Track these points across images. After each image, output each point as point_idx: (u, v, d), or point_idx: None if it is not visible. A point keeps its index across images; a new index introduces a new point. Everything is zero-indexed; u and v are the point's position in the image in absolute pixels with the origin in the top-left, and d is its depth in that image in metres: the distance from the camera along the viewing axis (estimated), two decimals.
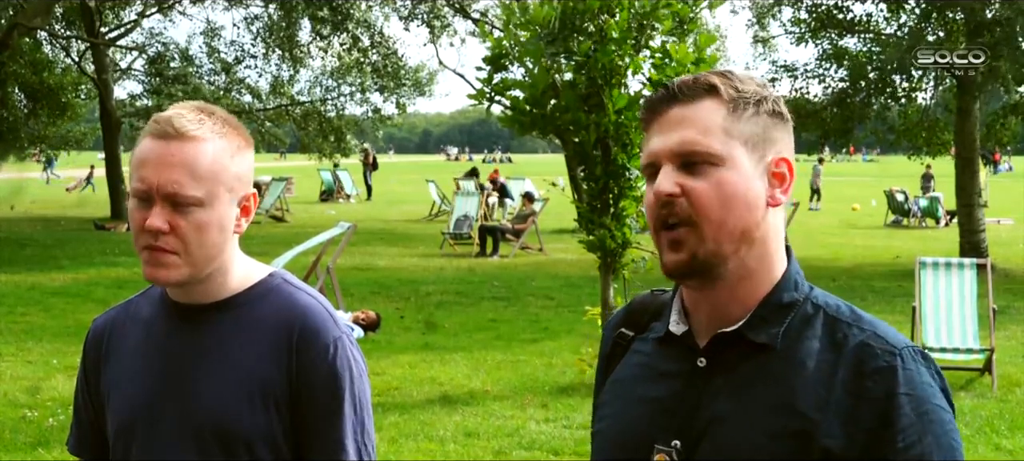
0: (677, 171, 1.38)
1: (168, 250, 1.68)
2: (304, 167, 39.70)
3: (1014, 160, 61.59)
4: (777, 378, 1.37)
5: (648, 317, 1.57)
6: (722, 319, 1.42)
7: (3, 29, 20.18)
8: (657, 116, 1.43)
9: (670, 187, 1.38)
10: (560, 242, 18.51)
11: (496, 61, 7.43)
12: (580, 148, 7.50)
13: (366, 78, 25.70)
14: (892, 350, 1.36)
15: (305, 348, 1.74)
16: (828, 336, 1.39)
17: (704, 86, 1.41)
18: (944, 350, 8.19)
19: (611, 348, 1.60)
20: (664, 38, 7.39)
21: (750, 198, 1.39)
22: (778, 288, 1.42)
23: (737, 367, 1.40)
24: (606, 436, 1.53)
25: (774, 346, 1.39)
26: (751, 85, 1.44)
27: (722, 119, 1.39)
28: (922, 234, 21.72)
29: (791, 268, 1.44)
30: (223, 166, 1.70)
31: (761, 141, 1.41)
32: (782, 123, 1.45)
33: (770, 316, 1.41)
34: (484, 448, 6.44)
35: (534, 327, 10.58)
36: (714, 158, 1.38)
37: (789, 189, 1.44)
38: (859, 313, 1.42)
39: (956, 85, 15.60)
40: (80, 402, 1.92)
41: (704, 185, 1.37)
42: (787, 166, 1.43)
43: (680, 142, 1.39)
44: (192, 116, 1.70)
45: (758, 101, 1.42)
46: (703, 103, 1.40)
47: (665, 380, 1.45)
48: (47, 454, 6.21)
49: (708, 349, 1.42)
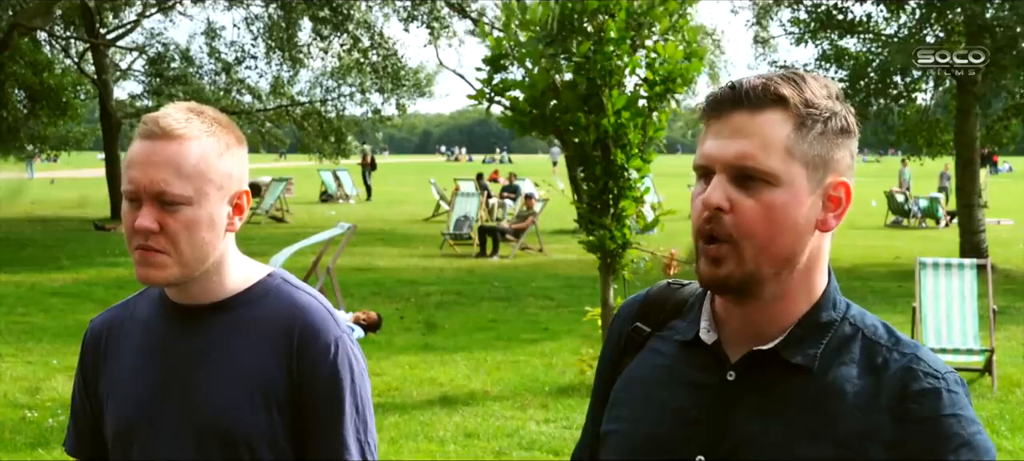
0: (730, 183, 1.32)
1: (158, 250, 1.68)
2: (304, 167, 39.69)
3: (1014, 160, 61.58)
4: (814, 403, 1.33)
5: (666, 313, 1.51)
6: (756, 334, 1.38)
7: (3, 29, 20.19)
8: (719, 117, 1.36)
9: (720, 200, 1.32)
10: (560, 242, 18.51)
11: (496, 61, 7.43)
12: (580, 149, 7.49)
13: (366, 78, 25.71)
14: (936, 374, 1.33)
15: (306, 348, 1.74)
16: (866, 360, 1.35)
17: (773, 96, 1.33)
18: (944, 350, 8.18)
19: (625, 341, 1.54)
20: (658, 37, 7.40)
21: (801, 223, 1.33)
22: (817, 307, 1.38)
23: (771, 387, 1.35)
24: (623, 438, 1.47)
25: (811, 368, 1.34)
26: (822, 97, 1.36)
27: (786, 136, 1.32)
28: (922, 234, 21.71)
29: (830, 286, 1.40)
30: (210, 164, 1.70)
31: (823, 163, 1.35)
32: (847, 139, 1.37)
33: (807, 336, 1.36)
34: (484, 448, 6.44)
35: (534, 327, 10.57)
36: (771, 177, 1.31)
37: (843, 214, 1.38)
38: (897, 335, 1.39)
39: (956, 85, 15.60)
40: (78, 403, 1.91)
41: (754, 205, 1.32)
42: (845, 190, 1.37)
43: (738, 154, 1.32)
44: (179, 115, 1.70)
45: (827, 117, 1.35)
46: (769, 114, 1.33)
47: (690, 390, 1.40)
48: (47, 454, 6.21)
49: (740, 364, 1.37)
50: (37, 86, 23.36)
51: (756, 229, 1.32)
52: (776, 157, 1.32)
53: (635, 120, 7.26)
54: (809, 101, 1.34)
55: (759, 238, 1.32)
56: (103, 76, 24.81)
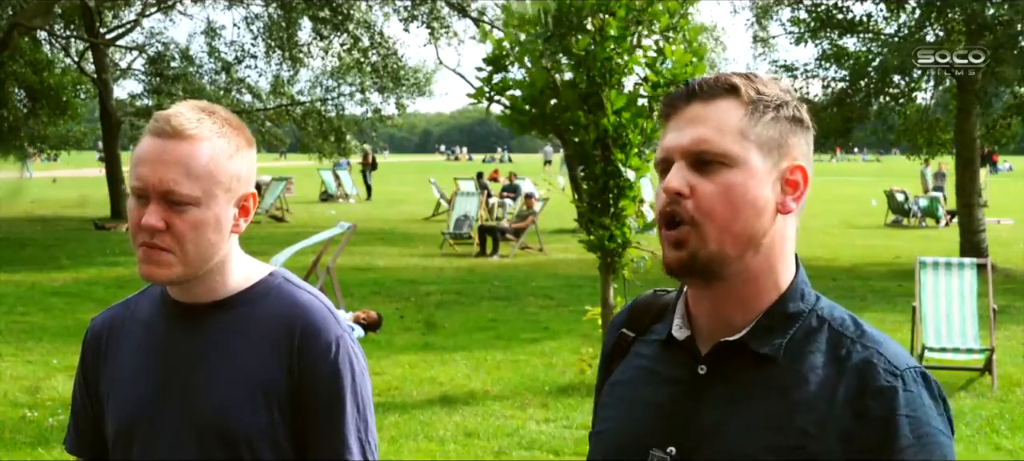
0: (689, 169, 1.37)
1: (163, 248, 1.68)
2: (304, 167, 39.68)
3: (1014, 160, 61.57)
4: (778, 391, 1.35)
5: (650, 318, 1.55)
6: (724, 325, 1.41)
7: (3, 28, 20.19)
8: (675, 112, 1.41)
9: (679, 184, 1.36)
10: (560, 242, 18.51)
11: (496, 61, 7.43)
12: (580, 148, 7.49)
13: (366, 78, 25.71)
14: (895, 371, 1.34)
15: (307, 347, 1.74)
16: (831, 351, 1.37)
17: (725, 85, 1.40)
18: (944, 350, 8.19)
19: (612, 348, 1.59)
20: (658, 36, 7.39)
21: (759, 203, 1.37)
22: (784, 298, 1.40)
23: (738, 377, 1.38)
24: (605, 438, 1.51)
25: (776, 358, 1.37)
26: (773, 88, 1.42)
27: (739, 120, 1.38)
28: (922, 234, 21.71)
29: (798, 277, 1.42)
30: (220, 166, 1.70)
31: (777, 146, 1.39)
32: (802, 130, 1.43)
33: (774, 326, 1.39)
34: (484, 448, 6.44)
35: (534, 327, 10.57)
36: (727, 158, 1.36)
37: (802, 197, 1.42)
38: (864, 327, 1.40)
39: (956, 85, 15.60)
40: (78, 401, 1.91)
41: (713, 187, 1.36)
42: (802, 174, 1.41)
43: (694, 140, 1.37)
44: (191, 115, 1.70)
45: (778, 105, 1.41)
46: (722, 102, 1.39)
47: (666, 385, 1.44)
48: (47, 454, 6.22)
49: (709, 357, 1.41)
50: (37, 85, 23.36)
51: (716, 209, 1.35)
52: (730, 139, 1.37)
53: (635, 120, 7.26)
54: (760, 90, 1.40)
55: (719, 218, 1.35)
56: (103, 75, 24.80)
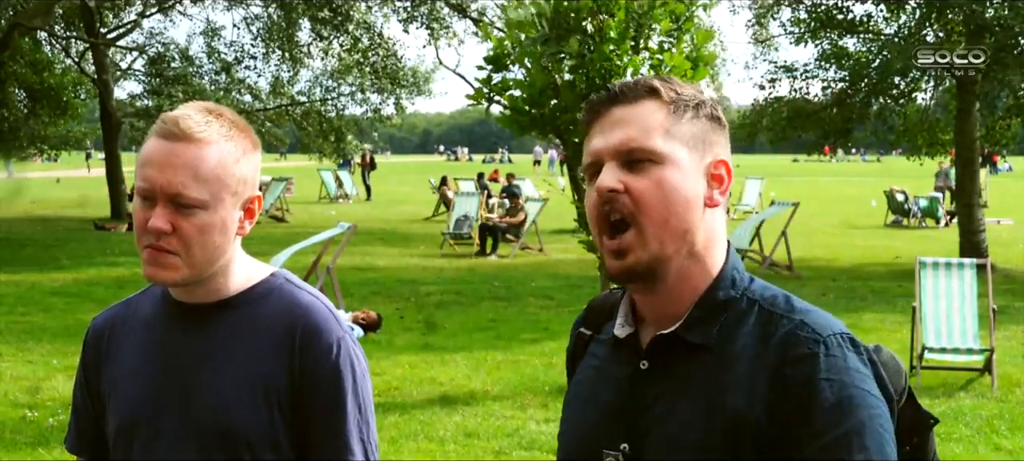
0: (619, 168, 1.40)
1: (169, 250, 1.68)
2: (304, 167, 39.69)
3: (1014, 160, 61.54)
4: (712, 377, 1.38)
5: (603, 317, 1.58)
6: (664, 320, 1.44)
7: (3, 29, 20.20)
8: (599, 117, 1.45)
9: (613, 182, 1.39)
10: (560, 242, 18.51)
11: (497, 61, 7.43)
12: (580, 148, 7.49)
13: (365, 79, 25.71)
14: (817, 337, 1.35)
15: (308, 347, 1.74)
16: (761, 329, 1.38)
17: (645, 88, 1.44)
18: (944, 350, 8.19)
19: (573, 348, 1.64)
20: (662, 38, 7.39)
21: (690, 197, 1.40)
22: (713, 287, 1.43)
23: (676, 368, 1.41)
24: (564, 439, 1.56)
25: (710, 346, 1.39)
26: (689, 89, 1.46)
27: (663, 119, 1.42)
28: (922, 234, 21.71)
29: (727, 265, 1.45)
30: (227, 169, 1.70)
31: (701, 142, 1.43)
32: (720, 127, 1.47)
33: (706, 316, 1.42)
34: (484, 448, 6.44)
35: (534, 327, 10.57)
36: (656, 156, 1.40)
37: (727, 190, 1.46)
38: (795, 302, 1.41)
39: (956, 85, 15.60)
40: (79, 400, 1.92)
41: (646, 183, 1.39)
42: (725, 168, 1.46)
43: (622, 140, 1.41)
44: (199, 117, 1.70)
45: (697, 104, 1.45)
46: (644, 104, 1.43)
47: (614, 383, 1.47)
48: (47, 454, 6.22)
49: (648, 351, 1.44)
50: (37, 86, 23.36)
51: (652, 204, 1.39)
52: (656, 137, 1.41)
53: None
54: (678, 91, 1.45)
55: (656, 213, 1.39)
56: (103, 76, 24.80)
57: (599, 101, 1.46)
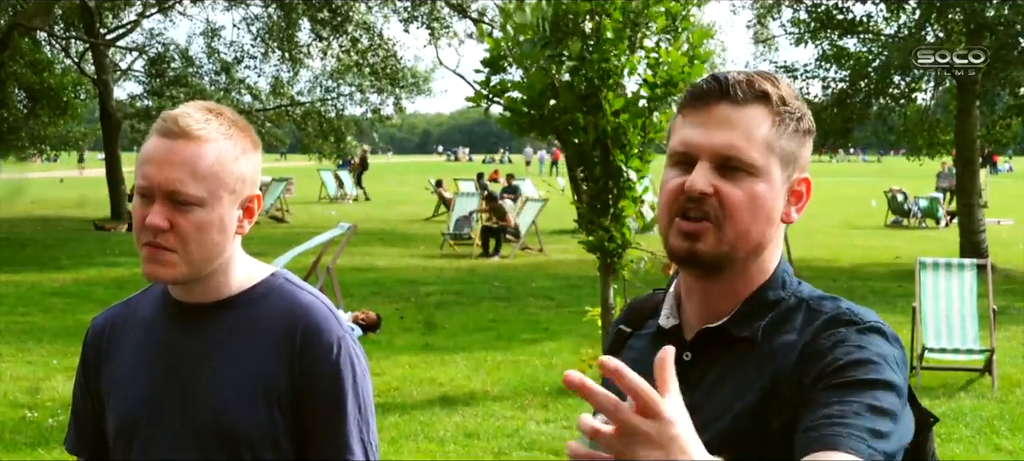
0: (713, 171, 1.39)
1: (167, 247, 1.68)
2: (305, 167, 39.68)
3: (1014, 160, 61.56)
4: (753, 368, 1.40)
5: (645, 314, 1.59)
6: (710, 313, 1.45)
7: (3, 29, 20.20)
8: (702, 108, 1.42)
9: (705, 185, 1.38)
10: (560, 242, 18.51)
11: (495, 62, 7.42)
12: (579, 149, 7.49)
13: (364, 79, 25.71)
14: (854, 319, 1.38)
15: (308, 347, 1.74)
16: (805, 324, 1.41)
17: (757, 92, 1.41)
18: (944, 350, 8.18)
19: (611, 345, 1.63)
20: (658, 37, 7.38)
21: (773, 214, 1.42)
22: (764, 287, 1.45)
23: (718, 360, 1.43)
24: None
25: (755, 340, 1.41)
26: (792, 98, 1.44)
27: (767, 131, 1.40)
28: (922, 234, 21.71)
29: (780, 268, 1.47)
30: (225, 168, 1.70)
31: (792, 159, 1.43)
32: (809, 139, 1.46)
33: (753, 312, 1.44)
34: (484, 448, 6.44)
35: (534, 327, 10.58)
36: (754, 169, 1.39)
37: (803, 208, 1.46)
38: (839, 301, 1.44)
39: (956, 85, 15.60)
40: (79, 400, 1.92)
41: (738, 193, 1.39)
42: (806, 186, 1.46)
43: (725, 145, 1.39)
44: (198, 116, 1.71)
45: (799, 118, 1.44)
46: (752, 109, 1.41)
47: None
48: (47, 454, 6.22)
49: (693, 343, 1.46)
50: (37, 86, 23.35)
51: (739, 214, 1.39)
52: (758, 150, 1.39)
53: (635, 121, 7.25)
54: (785, 99, 1.43)
55: (740, 223, 1.39)
56: (103, 76, 24.80)
57: (708, 91, 1.42)
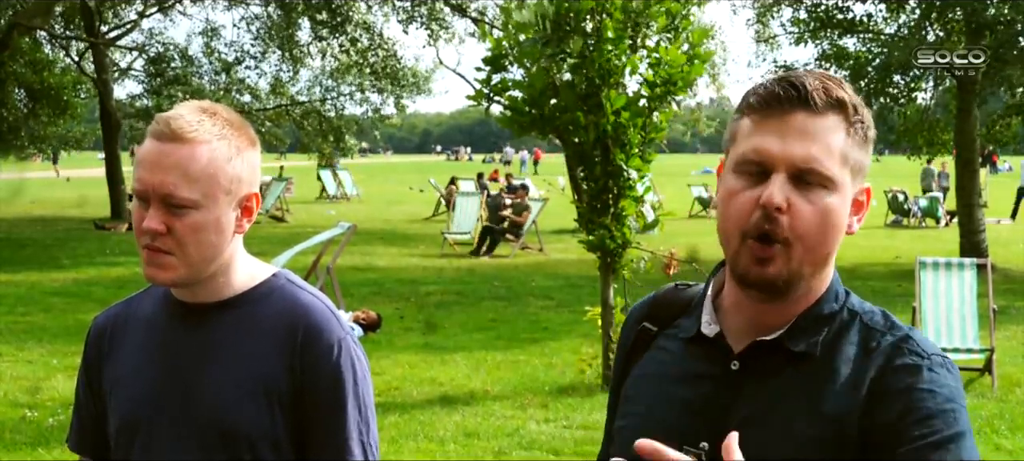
0: (788, 182, 1.33)
1: (164, 251, 1.69)
2: (304, 167, 39.67)
3: (1014, 160, 61.52)
4: (812, 385, 1.36)
5: (673, 313, 1.54)
6: (761, 325, 1.41)
7: (3, 28, 20.20)
8: (778, 115, 1.35)
9: (781, 200, 1.32)
10: (560, 242, 18.51)
11: (495, 61, 7.43)
12: (579, 148, 7.49)
13: (364, 79, 25.71)
14: (921, 353, 1.36)
15: (309, 348, 1.74)
16: (863, 343, 1.38)
17: (834, 100, 1.35)
18: (944, 350, 8.17)
19: (633, 342, 1.57)
20: (658, 37, 7.39)
21: (841, 227, 1.38)
22: (821, 300, 1.41)
23: (773, 373, 1.39)
24: (632, 432, 1.44)
25: (813, 355, 1.38)
26: (861, 105, 1.40)
27: (843, 142, 1.35)
28: (922, 234, 21.71)
29: (834, 279, 1.44)
30: (219, 168, 1.70)
31: (860, 170, 1.39)
32: (871, 146, 1.42)
33: (810, 327, 1.40)
34: (484, 448, 6.44)
35: (534, 327, 10.58)
36: (830, 183, 1.34)
37: (863, 218, 1.43)
38: (893, 320, 1.42)
39: (956, 85, 15.60)
40: (81, 399, 1.92)
41: (811, 209, 1.34)
42: (867, 195, 1.42)
43: (805, 157, 1.33)
44: (191, 117, 1.70)
45: (867, 126, 1.39)
46: (829, 118, 1.35)
47: (695, 382, 1.43)
48: (47, 454, 6.21)
49: (744, 354, 1.41)
50: (37, 85, 23.36)
51: (810, 232, 1.34)
52: (835, 162, 1.34)
53: (635, 120, 7.26)
54: (857, 107, 1.38)
55: (811, 240, 1.34)
56: (103, 76, 24.79)
57: (783, 98, 1.35)
